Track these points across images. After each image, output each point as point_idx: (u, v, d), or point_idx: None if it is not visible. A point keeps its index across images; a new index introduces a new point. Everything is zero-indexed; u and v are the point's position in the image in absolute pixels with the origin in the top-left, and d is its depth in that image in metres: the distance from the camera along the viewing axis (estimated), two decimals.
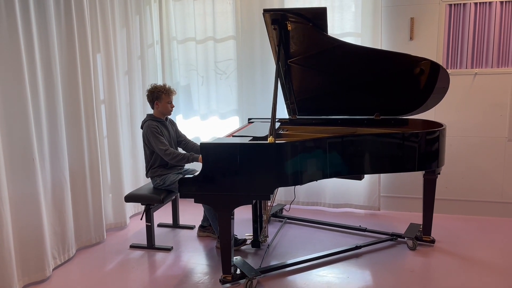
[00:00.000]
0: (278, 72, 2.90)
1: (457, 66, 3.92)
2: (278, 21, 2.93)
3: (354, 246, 3.27)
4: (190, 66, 4.57)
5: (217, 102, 4.57)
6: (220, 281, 2.83)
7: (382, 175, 4.18)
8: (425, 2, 3.87)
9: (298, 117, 3.82)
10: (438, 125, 3.31)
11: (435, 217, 3.40)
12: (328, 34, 3.04)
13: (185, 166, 3.65)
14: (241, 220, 4.04)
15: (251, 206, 3.38)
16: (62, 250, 3.15)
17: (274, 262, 3.12)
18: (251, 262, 3.11)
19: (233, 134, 3.15)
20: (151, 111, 3.59)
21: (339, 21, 4.08)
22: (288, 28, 2.97)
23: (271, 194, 2.65)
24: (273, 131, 2.66)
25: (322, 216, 4.14)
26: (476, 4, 3.78)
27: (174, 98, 3.54)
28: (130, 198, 3.41)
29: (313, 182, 2.83)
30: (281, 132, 3.42)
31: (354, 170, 2.89)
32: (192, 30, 4.49)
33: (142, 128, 3.48)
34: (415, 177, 4.11)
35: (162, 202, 3.35)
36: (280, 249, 3.39)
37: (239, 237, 3.46)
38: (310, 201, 4.41)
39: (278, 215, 4.07)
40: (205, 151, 2.62)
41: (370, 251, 3.28)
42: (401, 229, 3.70)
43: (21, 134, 2.72)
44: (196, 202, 2.74)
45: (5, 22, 2.61)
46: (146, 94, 3.50)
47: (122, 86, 3.98)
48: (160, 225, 4.00)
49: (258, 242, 3.39)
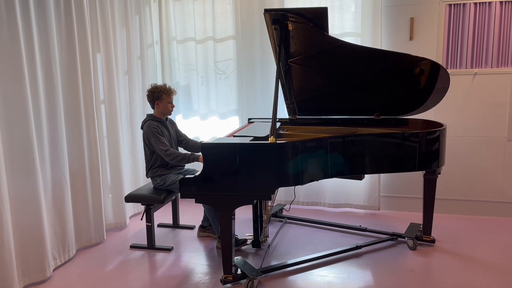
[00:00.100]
0: (278, 72, 2.90)
1: (456, 66, 3.93)
2: (279, 21, 2.92)
3: (354, 246, 3.27)
4: (189, 66, 4.57)
5: (216, 102, 4.56)
6: (221, 281, 2.83)
7: (382, 175, 4.18)
8: (425, 2, 3.88)
9: (298, 117, 3.82)
10: (438, 125, 3.31)
11: (435, 216, 3.41)
12: (329, 34, 3.05)
13: (185, 166, 3.65)
14: (241, 220, 4.03)
15: (252, 206, 3.39)
16: (62, 251, 3.14)
17: (274, 262, 3.12)
18: (252, 262, 3.11)
19: (233, 134, 3.14)
20: (151, 111, 3.59)
21: (339, 21, 4.08)
22: (289, 28, 2.97)
23: (272, 194, 2.65)
24: (274, 131, 2.65)
25: (322, 216, 4.14)
26: (475, 4, 3.79)
27: (174, 98, 3.54)
28: (130, 198, 3.41)
29: (313, 182, 2.83)
30: (281, 132, 3.42)
31: (355, 170, 2.89)
32: (191, 30, 4.48)
33: (142, 128, 3.48)
34: (415, 177, 4.11)
35: (162, 202, 3.34)
36: (280, 249, 3.39)
37: (240, 237, 3.46)
38: (310, 201, 4.41)
39: (278, 215, 4.07)
40: (206, 151, 2.62)
41: (371, 251, 3.29)
42: (401, 229, 3.70)
43: (21, 134, 2.71)
44: (197, 202, 2.73)
45: (5, 23, 2.60)
46: (146, 94, 3.49)
47: (122, 86, 3.97)
48: (160, 225, 3.99)
49: (258, 242, 3.39)
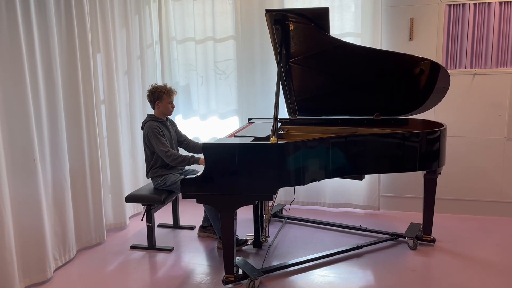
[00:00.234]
0: (280, 72, 2.90)
1: (456, 66, 3.94)
2: (280, 21, 2.93)
3: (355, 246, 3.28)
4: (189, 66, 4.56)
5: (216, 102, 4.56)
6: (222, 281, 2.83)
7: (381, 175, 4.19)
8: (424, 2, 3.89)
9: (298, 117, 3.82)
10: (438, 125, 3.32)
11: (435, 216, 3.41)
12: (330, 34, 3.05)
13: (185, 166, 3.65)
14: (241, 220, 4.03)
15: (252, 206, 3.38)
16: (63, 251, 3.13)
17: (275, 262, 3.13)
18: (253, 262, 3.11)
19: (234, 135, 3.14)
20: (151, 111, 3.58)
21: (339, 21, 4.08)
22: (290, 28, 2.97)
23: (274, 194, 2.65)
24: (275, 131, 2.65)
25: (322, 216, 4.15)
26: (475, 4, 3.80)
27: (174, 98, 3.53)
28: (131, 199, 3.40)
29: (314, 182, 2.83)
30: (281, 132, 3.42)
31: (356, 170, 2.89)
32: (191, 30, 4.48)
33: (142, 128, 3.47)
34: (415, 177, 4.12)
35: (163, 203, 3.34)
36: (281, 249, 3.39)
37: (240, 237, 3.46)
38: (310, 201, 4.41)
39: (278, 215, 4.07)
40: (207, 152, 2.62)
41: (371, 251, 3.29)
42: (401, 228, 3.71)
43: (22, 135, 2.70)
44: (198, 202, 2.73)
45: (5, 23, 2.59)
46: (147, 94, 3.49)
47: (121, 86, 3.96)
48: (160, 225, 3.98)
49: (259, 242, 3.39)
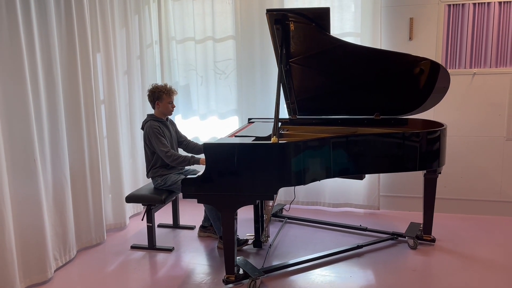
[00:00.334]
0: (280, 72, 2.90)
1: (456, 66, 3.95)
2: (281, 21, 2.93)
3: (355, 246, 3.28)
4: (189, 66, 4.56)
5: (216, 102, 4.56)
6: (223, 281, 2.83)
7: (381, 175, 4.19)
8: (424, 2, 3.89)
9: (298, 117, 3.82)
10: (438, 124, 3.33)
11: (434, 216, 3.42)
12: (330, 34, 3.05)
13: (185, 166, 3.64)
14: (241, 220, 4.03)
15: (252, 206, 3.38)
16: (63, 251, 3.13)
17: (276, 262, 3.13)
18: (254, 262, 3.11)
19: (235, 134, 3.14)
20: (150, 111, 3.58)
21: (339, 21, 4.09)
22: (290, 28, 2.97)
23: (275, 194, 2.65)
24: (276, 131, 2.65)
25: (322, 215, 4.15)
26: (474, 4, 3.81)
27: (174, 98, 3.52)
28: (131, 199, 3.40)
29: (315, 182, 2.83)
30: (281, 132, 3.42)
31: (357, 170, 2.89)
32: (191, 29, 4.47)
33: (142, 128, 3.47)
34: (414, 176, 4.13)
35: (163, 203, 3.34)
36: (281, 249, 3.39)
37: (241, 237, 3.46)
38: (310, 200, 4.42)
39: (278, 215, 4.08)
40: (208, 152, 2.62)
41: (372, 251, 3.30)
42: (401, 228, 3.72)
43: (22, 135, 2.70)
44: (199, 202, 2.73)
45: (6, 23, 2.58)
46: (147, 94, 3.48)
47: (121, 86, 3.96)
48: (160, 225, 3.98)
49: (259, 242, 3.39)
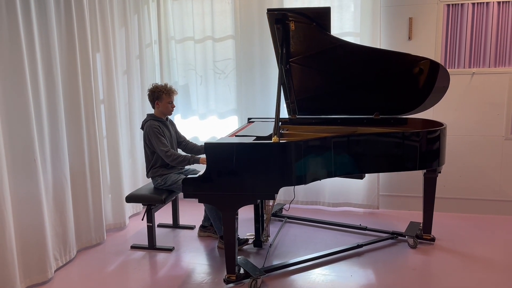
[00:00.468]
0: (281, 72, 2.90)
1: (455, 65, 3.96)
2: (282, 20, 2.93)
3: (355, 245, 3.29)
4: (188, 65, 4.55)
5: (215, 102, 4.55)
6: (224, 280, 2.83)
7: (380, 174, 4.20)
8: (423, 2, 3.90)
9: (298, 116, 3.82)
10: (438, 124, 3.34)
11: (434, 215, 3.43)
12: (331, 34, 3.05)
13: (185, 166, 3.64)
14: (241, 220, 4.03)
15: (253, 206, 3.39)
16: (63, 251, 3.12)
17: (276, 262, 3.13)
18: (254, 261, 3.11)
19: (235, 134, 3.14)
20: (150, 111, 3.57)
21: (338, 21, 4.09)
22: (291, 27, 2.98)
23: (276, 194, 2.65)
24: (277, 131, 2.66)
25: (322, 215, 4.16)
26: (473, 4, 3.82)
27: (174, 98, 3.51)
28: (131, 199, 3.39)
29: (315, 181, 2.83)
30: (281, 131, 3.43)
31: (358, 169, 2.90)
32: (190, 29, 4.47)
33: (142, 128, 3.46)
34: (413, 176, 4.14)
35: (163, 202, 3.33)
36: (282, 248, 3.40)
37: (241, 237, 3.45)
38: (309, 200, 4.42)
39: (278, 215, 4.08)
40: (209, 151, 2.61)
41: (372, 250, 3.30)
42: (400, 227, 3.73)
43: (22, 135, 2.69)
44: (200, 202, 2.73)
45: (6, 23, 2.58)
46: (147, 93, 3.48)
47: (121, 86, 3.95)
48: (160, 225, 3.98)
49: (260, 241, 3.39)
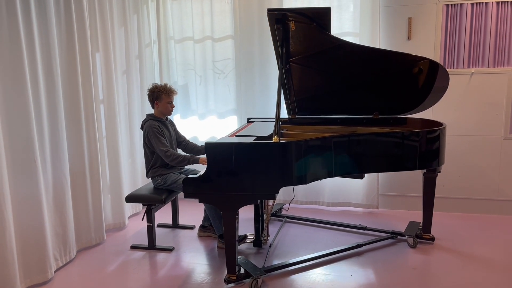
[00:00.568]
0: (281, 72, 2.90)
1: (454, 65, 3.97)
2: (282, 20, 2.93)
3: (355, 245, 3.29)
4: (187, 65, 4.55)
5: (215, 102, 4.55)
6: (224, 280, 2.83)
7: (380, 174, 4.21)
8: (422, 2, 3.91)
9: (297, 116, 3.83)
10: (437, 124, 3.35)
11: (433, 215, 3.44)
12: (331, 33, 3.06)
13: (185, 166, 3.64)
14: (241, 220, 4.03)
15: (252, 206, 3.39)
16: (63, 252, 3.11)
17: (276, 261, 3.13)
18: (254, 261, 3.11)
19: (236, 134, 3.14)
20: (149, 111, 3.57)
21: (338, 21, 4.10)
22: (291, 27, 2.98)
23: (276, 194, 2.65)
24: (278, 131, 2.66)
25: (321, 215, 4.16)
26: (472, 4, 3.83)
27: (174, 98, 3.51)
28: (131, 199, 3.39)
29: (315, 181, 2.84)
30: (281, 131, 3.43)
31: (358, 169, 2.90)
32: (190, 29, 4.47)
33: (142, 128, 3.46)
34: (413, 175, 4.15)
35: (163, 202, 3.33)
36: (282, 248, 3.40)
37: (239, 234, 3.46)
38: (309, 200, 4.42)
39: (277, 215, 4.08)
40: (210, 151, 2.61)
41: (371, 249, 3.31)
42: (400, 227, 3.73)
43: (22, 135, 2.68)
44: (200, 202, 2.73)
45: (6, 23, 2.57)
46: (147, 93, 3.48)
47: (120, 86, 3.95)
48: (159, 225, 3.97)
49: (260, 241, 3.39)
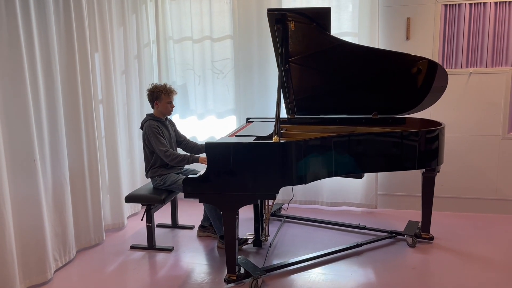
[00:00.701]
0: (281, 71, 2.91)
1: (452, 65, 3.98)
2: (282, 20, 2.94)
3: (355, 244, 3.30)
4: (186, 65, 4.55)
5: (214, 102, 4.55)
6: (224, 280, 2.83)
7: (379, 173, 4.22)
8: (421, 2, 3.92)
9: (296, 116, 3.83)
10: (436, 123, 3.36)
11: (432, 214, 3.45)
12: (330, 33, 3.06)
13: (185, 166, 3.64)
14: (241, 220, 4.03)
15: (252, 206, 3.39)
16: (63, 252, 3.11)
17: (276, 261, 3.14)
18: (254, 261, 3.11)
19: (235, 134, 3.14)
20: (148, 111, 3.57)
21: (337, 21, 4.10)
22: (291, 27, 2.98)
23: (277, 193, 2.66)
24: (278, 131, 2.66)
25: (320, 214, 4.17)
26: (471, 4, 3.84)
27: (174, 98, 3.51)
28: (131, 199, 3.38)
29: (315, 181, 2.84)
30: (281, 131, 3.43)
31: (358, 169, 2.91)
32: (188, 29, 4.47)
33: (141, 128, 3.46)
34: (412, 175, 4.16)
35: (163, 202, 3.33)
36: (281, 248, 3.40)
37: (240, 236, 3.46)
38: (308, 199, 4.43)
39: (277, 214, 4.09)
40: (210, 151, 2.61)
41: (371, 249, 3.32)
42: (398, 226, 3.74)
43: (22, 135, 2.68)
44: (200, 202, 2.73)
45: (5, 23, 2.56)
46: (146, 93, 3.48)
47: (119, 86, 3.94)
48: (158, 225, 3.97)
49: (259, 241, 3.40)
